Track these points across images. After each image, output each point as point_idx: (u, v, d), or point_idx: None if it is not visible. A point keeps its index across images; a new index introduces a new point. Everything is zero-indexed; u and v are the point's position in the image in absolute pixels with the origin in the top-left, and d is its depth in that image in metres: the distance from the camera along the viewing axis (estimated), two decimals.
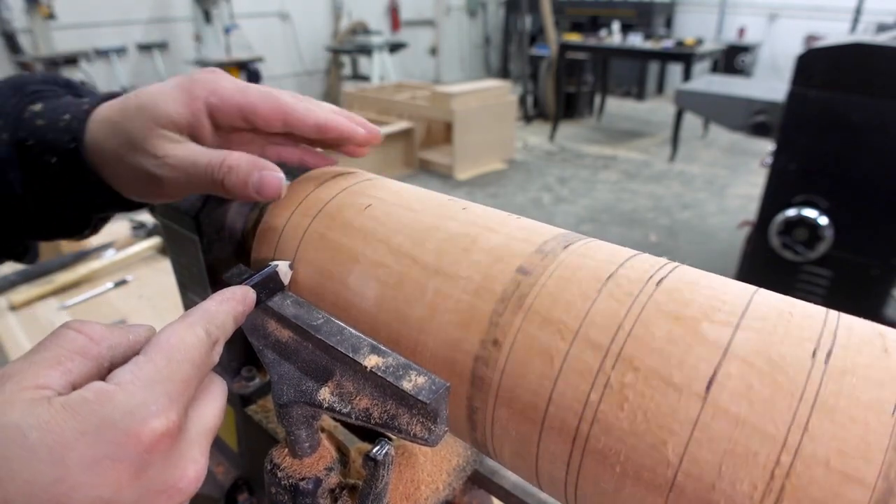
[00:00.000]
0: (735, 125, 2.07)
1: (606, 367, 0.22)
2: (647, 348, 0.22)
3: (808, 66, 1.47)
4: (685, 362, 0.21)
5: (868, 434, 0.18)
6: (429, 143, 4.41)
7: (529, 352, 0.24)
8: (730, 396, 0.20)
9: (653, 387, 0.21)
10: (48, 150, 0.31)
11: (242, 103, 0.32)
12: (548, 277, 0.26)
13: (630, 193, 3.71)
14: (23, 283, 0.95)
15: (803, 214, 1.58)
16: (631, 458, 0.21)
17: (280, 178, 0.31)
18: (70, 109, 0.32)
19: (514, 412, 0.25)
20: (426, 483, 0.36)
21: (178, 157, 0.30)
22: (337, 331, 0.28)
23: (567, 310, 0.24)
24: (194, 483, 0.22)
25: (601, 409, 0.22)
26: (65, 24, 4.09)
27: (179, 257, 0.44)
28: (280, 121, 0.33)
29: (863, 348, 0.20)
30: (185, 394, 0.22)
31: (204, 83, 0.32)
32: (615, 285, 0.24)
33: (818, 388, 0.19)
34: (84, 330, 0.22)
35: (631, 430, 0.21)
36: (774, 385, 0.20)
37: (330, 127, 0.34)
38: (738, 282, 0.25)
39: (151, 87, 0.32)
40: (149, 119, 0.31)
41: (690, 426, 0.20)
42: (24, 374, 0.20)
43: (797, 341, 0.21)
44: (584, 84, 5.54)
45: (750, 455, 0.19)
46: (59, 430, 0.18)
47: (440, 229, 0.30)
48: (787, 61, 1.84)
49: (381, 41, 5.32)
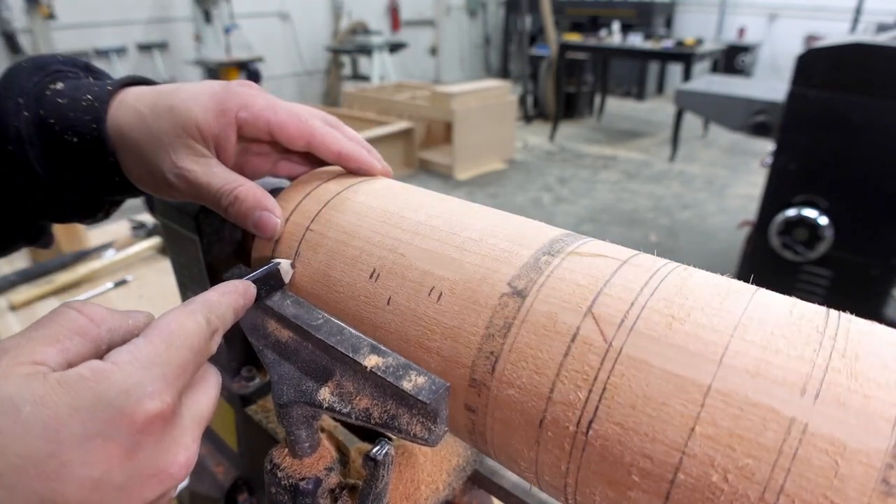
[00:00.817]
0: (735, 125, 2.07)
1: (606, 367, 0.22)
2: (647, 348, 0.22)
3: (808, 66, 1.47)
4: (686, 362, 0.21)
5: None
6: (429, 143, 4.41)
7: (542, 323, 0.24)
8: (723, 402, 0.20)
9: (652, 385, 0.21)
10: (69, 129, 0.31)
11: (272, 121, 0.33)
12: (546, 278, 0.26)
13: (630, 193, 3.71)
14: (23, 283, 0.95)
15: (803, 214, 1.58)
16: (631, 458, 0.21)
17: (276, 223, 0.33)
18: (92, 91, 0.32)
19: (512, 411, 0.25)
20: (426, 483, 0.36)
21: (195, 174, 0.32)
22: (337, 331, 0.28)
23: (581, 288, 0.24)
24: (184, 469, 0.22)
25: (600, 409, 0.22)
26: (65, 24, 4.09)
27: (179, 257, 0.44)
28: (304, 143, 0.34)
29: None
30: (181, 378, 0.22)
31: (237, 97, 0.32)
32: (632, 268, 0.24)
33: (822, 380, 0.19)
34: (85, 311, 0.22)
35: (644, 397, 0.21)
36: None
37: (351, 158, 0.35)
38: (738, 281, 0.25)
39: (186, 89, 0.33)
40: (177, 124, 0.31)
41: (704, 392, 0.20)
42: (21, 350, 0.20)
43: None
44: (584, 84, 5.54)
45: (752, 450, 0.19)
46: (53, 406, 0.18)
47: (437, 229, 0.30)
48: (787, 61, 1.84)
49: (381, 41, 5.32)
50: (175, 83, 0.34)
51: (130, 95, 0.33)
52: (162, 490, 0.21)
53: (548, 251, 0.26)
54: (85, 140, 0.32)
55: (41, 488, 0.18)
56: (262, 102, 0.33)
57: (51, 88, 0.32)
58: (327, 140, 0.34)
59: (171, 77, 4.74)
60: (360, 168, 0.36)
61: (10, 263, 1.04)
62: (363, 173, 0.36)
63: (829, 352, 0.20)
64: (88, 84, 0.33)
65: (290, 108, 0.34)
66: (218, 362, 0.31)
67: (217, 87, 0.33)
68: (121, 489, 0.19)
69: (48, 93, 0.32)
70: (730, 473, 0.19)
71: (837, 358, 0.19)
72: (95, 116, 0.32)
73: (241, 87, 0.33)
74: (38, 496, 0.18)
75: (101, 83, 0.33)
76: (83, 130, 0.31)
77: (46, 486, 0.18)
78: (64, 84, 0.33)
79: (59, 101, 0.32)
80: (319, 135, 0.34)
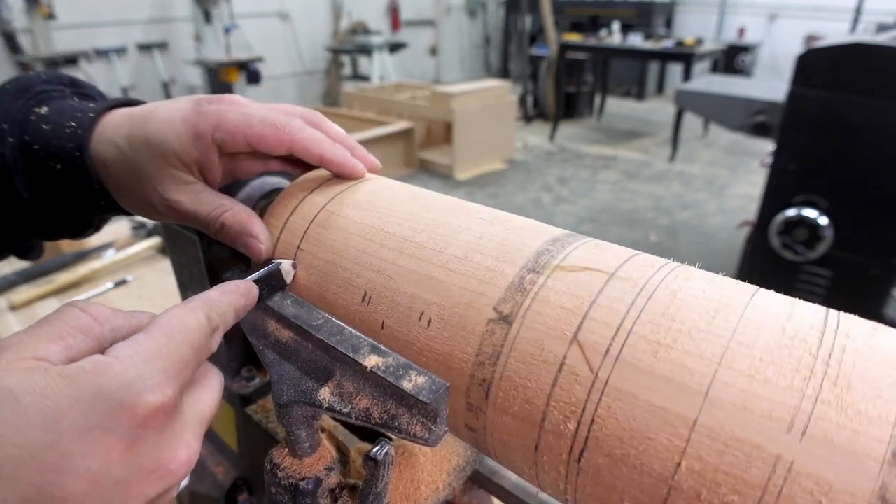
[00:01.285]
0: (735, 125, 2.07)
1: (593, 398, 0.22)
2: (632, 379, 0.21)
3: (808, 66, 1.47)
4: (672, 395, 0.21)
5: None
6: (429, 143, 4.41)
7: (529, 352, 0.24)
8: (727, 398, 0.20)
9: (639, 419, 0.21)
10: (53, 156, 0.32)
11: (248, 135, 0.32)
12: (531, 301, 0.26)
13: (630, 193, 3.71)
14: (23, 283, 0.95)
15: (803, 214, 1.58)
16: (622, 487, 0.21)
17: (261, 249, 0.33)
18: (76, 117, 0.32)
19: (513, 412, 0.25)
20: (426, 483, 0.36)
21: (182, 205, 0.32)
22: (337, 331, 0.28)
23: (566, 312, 0.24)
24: (185, 466, 0.22)
25: (590, 440, 0.22)
26: (65, 24, 4.08)
27: (179, 257, 0.44)
28: (285, 150, 0.34)
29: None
30: (182, 373, 0.22)
31: (209, 118, 0.32)
32: (619, 283, 0.24)
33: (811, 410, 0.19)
34: (89, 310, 0.22)
35: (631, 430, 0.21)
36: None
37: (333, 162, 0.35)
38: (738, 281, 0.25)
39: (158, 116, 0.32)
40: (156, 155, 0.31)
41: (689, 426, 0.20)
42: (24, 346, 0.20)
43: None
44: (584, 84, 5.54)
45: (738, 486, 0.19)
46: (53, 397, 0.18)
47: (422, 247, 0.30)
48: (787, 61, 1.84)
49: (381, 41, 5.31)
50: (147, 107, 0.33)
51: (109, 127, 0.33)
52: (163, 487, 0.21)
53: (532, 268, 0.26)
54: (69, 167, 0.32)
55: (40, 480, 0.17)
56: (236, 118, 0.32)
57: (35, 112, 0.32)
58: (308, 145, 0.34)
59: (171, 77, 4.74)
60: (343, 172, 0.35)
61: (9, 264, 1.04)
62: (346, 176, 0.36)
63: (820, 380, 0.19)
64: (72, 108, 0.33)
65: (266, 116, 0.33)
66: (218, 362, 0.31)
67: (188, 109, 0.32)
68: (121, 483, 0.19)
69: (33, 117, 0.32)
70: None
71: (829, 388, 0.19)
72: (78, 144, 0.32)
73: (211, 105, 0.32)
74: (37, 489, 0.17)
75: (84, 106, 0.33)
76: (67, 158, 0.32)
77: (45, 478, 0.18)
78: (48, 107, 0.33)
79: (44, 126, 0.32)
80: (299, 140, 0.33)
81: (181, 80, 4.91)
